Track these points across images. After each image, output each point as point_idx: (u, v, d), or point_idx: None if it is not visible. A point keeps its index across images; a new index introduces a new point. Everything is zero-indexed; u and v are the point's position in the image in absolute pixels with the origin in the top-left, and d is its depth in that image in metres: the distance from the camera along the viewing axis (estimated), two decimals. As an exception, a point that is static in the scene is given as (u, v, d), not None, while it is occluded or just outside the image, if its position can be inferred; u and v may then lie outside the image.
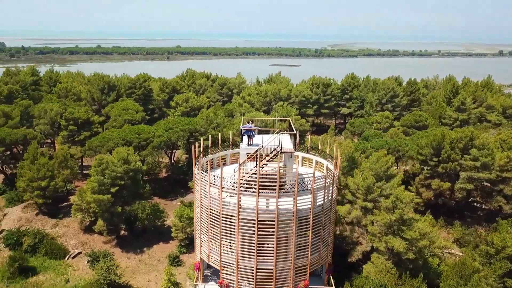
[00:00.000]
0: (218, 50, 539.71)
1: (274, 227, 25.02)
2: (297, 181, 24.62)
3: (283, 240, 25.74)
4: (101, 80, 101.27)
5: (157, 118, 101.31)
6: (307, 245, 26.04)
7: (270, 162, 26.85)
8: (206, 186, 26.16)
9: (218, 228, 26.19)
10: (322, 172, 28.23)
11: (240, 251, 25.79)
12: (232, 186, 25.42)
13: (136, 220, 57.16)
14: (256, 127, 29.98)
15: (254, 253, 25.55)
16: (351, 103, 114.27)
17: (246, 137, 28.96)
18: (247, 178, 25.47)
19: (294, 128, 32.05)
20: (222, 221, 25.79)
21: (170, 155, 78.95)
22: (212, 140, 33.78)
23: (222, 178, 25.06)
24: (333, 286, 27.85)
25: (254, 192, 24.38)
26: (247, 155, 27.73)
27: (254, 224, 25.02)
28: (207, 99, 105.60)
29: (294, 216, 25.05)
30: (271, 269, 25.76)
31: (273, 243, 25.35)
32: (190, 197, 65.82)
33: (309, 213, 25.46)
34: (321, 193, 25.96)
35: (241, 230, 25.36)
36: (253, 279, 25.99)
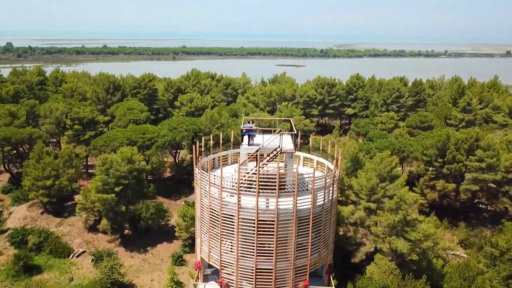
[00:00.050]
0: (223, 50, 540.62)
1: (274, 227, 25.04)
2: (297, 181, 24.62)
3: (283, 240, 25.74)
4: (106, 80, 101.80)
5: (162, 118, 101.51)
6: (307, 245, 26.02)
7: (270, 162, 26.87)
8: (206, 185, 26.27)
9: (218, 227, 26.25)
10: (323, 172, 28.17)
11: (240, 251, 25.84)
12: (232, 186, 25.48)
13: (140, 219, 57.42)
14: (257, 127, 29.98)
15: (254, 253, 25.57)
16: (356, 104, 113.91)
17: (246, 137, 29.01)
18: (247, 178, 25.52)
19: (296, 128, 32.01)
20: (222, 220, 25.85)
21: (174, 155, 79.19)
22: (214, 140, 33.81)
23: (222, 178, 25.13)
24: (333, 286, 27.79)
25: (254, 192, 24.41)
26: (248, 155, 27.79)
27: (254, 224, 25.04)
28: (212, 99, 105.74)
29: (294, 216, 25.05)
30: (271, 269, 25.78)
31: (273, 243, 25.35)
32: (194, 197, 65.82)
33: (309, 213, 25.45)
34: (321, 193, 25.91)
35: (241, 230, 25.39)
36: (253, 279, 26.01)
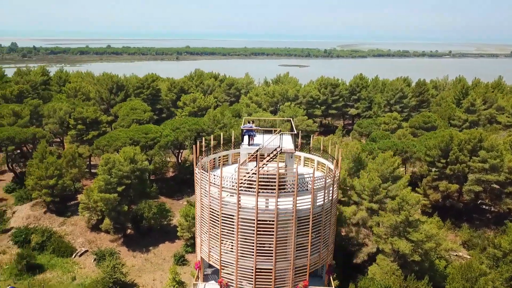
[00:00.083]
0: (226, 51, 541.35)
1: (273, 227, 25.03)
2: (296, 181, 24.62)
3: (283, 240, 25.74)
4: (109, 80, 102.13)
5: (165, 118, 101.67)
6: (307, 245, 26.01)
7: (270, 162, 26.89)
8: (206, 185, 26.32)
9: (218, 227, 26.28)
10: (324, 172, 28.14)
11: (239, 251, 25.86)
12: (232, 185, 25.51)
13: (142, 219, 57.48)
14: (257, 127, 30.00)
15: (253, 252, 25.58)
16: (359, 104, 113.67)
17: (246, 137, 29.05)
18: (247, 178, 25.55)
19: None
20: (222, 220, 25.87)
21: (177, 155, 79.29)
22: (217, 140, 33.84)
23: (222, 178, 25.16)
24: (332, 287, 27.73)
25: (254, 192, 24.43)
26: (248, 155, 27.82)
27: (254, 224, 25.04)
28: (215, 99, 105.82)
29: (293, 216, 25.04)
30: (271, 269, 25.78)
31: (272, 243, 25.35)
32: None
33: (308, 213, 25.43)
34: (321, 193, 25.88)
35: (240, 229, 25.41)
36: (252, 279, 26.01)
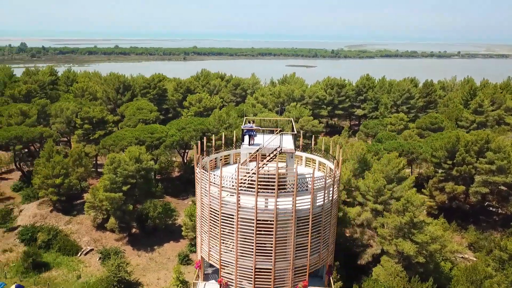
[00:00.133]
0: (234, 51, 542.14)
1: (273, 227, 25.00)
2: (296, 181, 24.57)
3: (282, 240, 25.69)
4: (116, 80, 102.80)
5: (171, 118, 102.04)
6: (307, 245, 25.92)
7: (270, 162, 26.87)
8: (206, 184, 26.40)
9: (217, 227, 26.31)
10: (325, 173, 28.07)
11: (239, 250, 25.87)
12: (232, 185, 25.53)
13: (147, 218, 57.75)
14: (257, 127, 29.99)
15: (253, 252, 25.56)
16: (366, 105, 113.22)
17: (247, 136, 29.07)
18: (247, 178, 25.55)
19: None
20: (222, 220, 25.91)
21: (182, 155, 79.54)
22: (220, 140, 33.88)
23: (221, 177, 25.19)
24: (332, 287, 27.67)
25: (253, 191, 24.44)
26: (248, 155, 27.83)
27: (253, 223, 25.03)
28: (221, 100, 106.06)
29: (293, 216, 24.99)
30: (270, 269, 25.75)
31: (272, 243, 25.31)
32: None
33: (308, 213, 25.35)
34: (321, 193, 25.79)
35: (240, 229, 25.41)
36: (252, 279, 25.99)
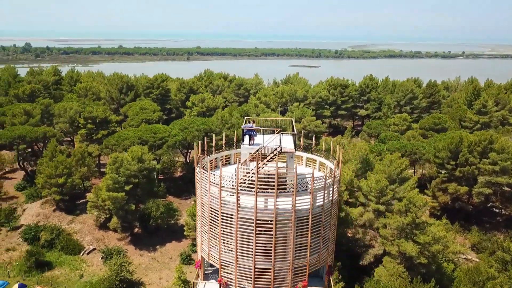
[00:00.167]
0: (237, 51, 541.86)
1: (272, 227, 25.00)
2: (295, 181, 24.58)
3: (282, 240, 25.70)
4: (120, 80, 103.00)
5: (174, 118, 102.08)
6: (306, 245, 25.90)
7: (270, 162, 26.88)
8: (206, 184, 26.44)
9: (217, 226, 26.34)
10: (325, 173, 28.06)
11: (239, 250, 25.89)
12: (232, 185, 25.56)
13: (150, 218, 57.86)
14: (257, 127, 30.03)
15: (252, 252, 25.58)
16: (369, 105, 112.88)
17: (247, 136, 29.11)
18: (247, 178, 25.59)
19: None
20: (222, 220, 25.93)
21: (185, 155, 79.68)
22: (218, 139, 33.93)
23: (221, 177, 25.23)
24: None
25: (253, 191, 24.45)
26: (248, 155, 27.87)
27: (253, 223, 25.05)
28: (224, 100, 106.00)
29: (292, 216, 24.99)
30: (270, 268, 25.76)
31: (271, 243, 25.31)
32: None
33: (308, 213, 25.33)
34: (320, 193, 25.76)
35: (240, 229, 25.44)
36: (251, 278, 26.00)
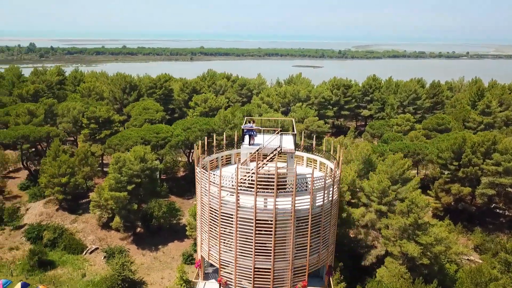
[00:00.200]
0: (240, 51, 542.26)
1: (272, 227, 25.01)
2: (295, 180, 24.56)
3: (281, 240, 25.68)
4: (123, 80, 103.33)
5: (177, 118, 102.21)
6: (306, 245, 25.87)
7: (270, 162, 26.86)
8: (206, 184, 26.48)
9: (217, 226, 26.38)
10: (325, 173, 28.05)
11: (238, 250, 25.91)
12: (232, 185, 25.58)
13: (152, 218, 57.96)
14: (257, 127, 30.02)
15: (252, 252, 25.58)
16: (372, 105, 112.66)
17: (247, 136, 29.12)
18: (247, 178, 25.58)
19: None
20: (221, 219, 25.97)
21: (188, 155, 79.78)
22: (220, 139, 33.95)
23: (221, 177, 25.25)
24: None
25: (252, 191, 24.47)
26: (248, 155, 27.87)
27: (252, 223, 25.06)
28: (227, 100, 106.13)
29: (292, 216, 24.98)
30: (269, 268, 25.74)
31: (271, 243, 25.31)
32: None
33: (307, 213, 25.32)
34: (320, 193, 25.74)
35: (239, 229, 25.45)
36: (251, 278, 26.00)
